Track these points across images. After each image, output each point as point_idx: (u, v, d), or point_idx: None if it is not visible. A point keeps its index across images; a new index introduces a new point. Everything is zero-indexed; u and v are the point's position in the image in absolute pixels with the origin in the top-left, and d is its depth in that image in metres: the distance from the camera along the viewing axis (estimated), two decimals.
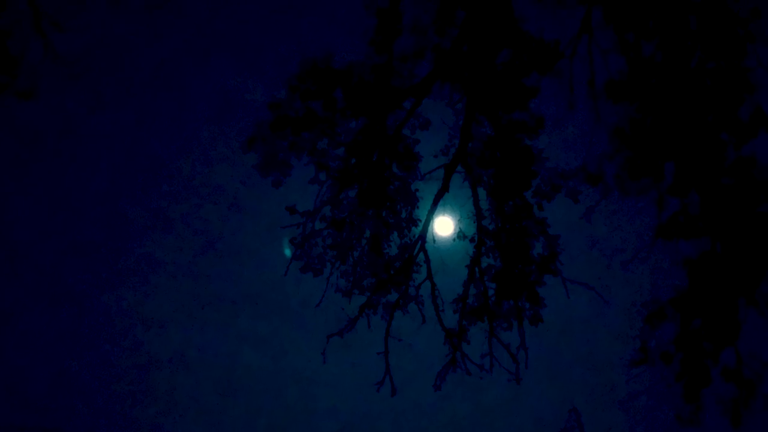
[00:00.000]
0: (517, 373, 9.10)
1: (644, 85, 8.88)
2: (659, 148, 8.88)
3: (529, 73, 8.98)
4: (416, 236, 9.24)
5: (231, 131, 9.13)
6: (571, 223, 9.09)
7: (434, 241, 9.25)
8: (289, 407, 9.09)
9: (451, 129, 9.22)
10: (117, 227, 9.10)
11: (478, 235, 9.21)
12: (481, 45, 8.99)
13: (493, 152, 9.09)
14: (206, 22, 9.19)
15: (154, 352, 9.11)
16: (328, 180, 9.11)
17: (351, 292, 9.19)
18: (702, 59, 8.82)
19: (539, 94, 9.01)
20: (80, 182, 9.14)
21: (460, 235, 9.27)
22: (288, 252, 9.11)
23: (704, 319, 8.86)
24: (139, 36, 9.14)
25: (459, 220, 9.28)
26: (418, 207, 9.28)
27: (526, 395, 9.05)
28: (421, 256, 9.24)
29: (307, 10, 9.17)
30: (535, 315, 9.14)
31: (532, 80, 9.00)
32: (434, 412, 9.05)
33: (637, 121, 8.91)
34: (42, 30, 8.99)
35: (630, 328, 9.04)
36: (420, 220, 9.26)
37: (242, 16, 9.22)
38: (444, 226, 9.32)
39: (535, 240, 9.17)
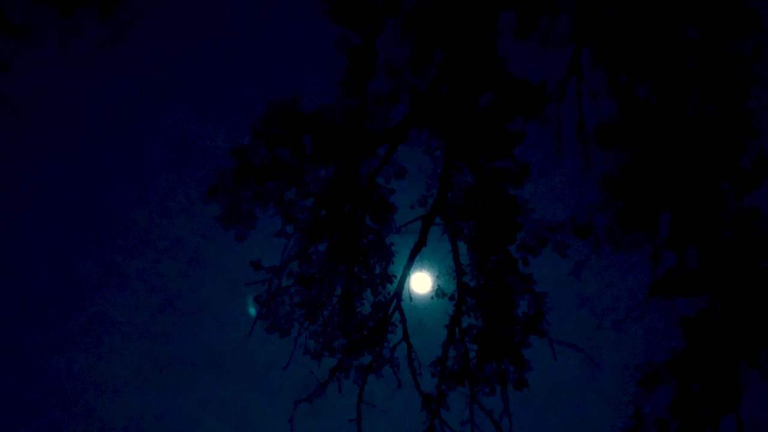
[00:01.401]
0: None
1: (638, 131, 8.61)
2: (654, 198, 8.63)
3: (514, 118, 8.75)
4: (391, 294, 9.10)
5: (191, 180, 9.04)
6: (558, 280, 8.96)
7: (411, 299, 9.09)
8: None
9: (428, 178, 9.06)
10: (67, 284, 9.04)
11: (458, 293, 9.05)
12: (462, 87, 8.76)
13: (475, 203, 8.91)
14: (163, 63, 9.00)
15: (108, 419, 9.03)
16: (295, 233, 8.94)
17: (321, 354, 9.06)
18: (700, 102, 8.52)
19: (524, 140, 8.81)
20: (27, 235, 8.98)
21: (438, 292, 9.12)
22: (252, 311, 9.00)
23: (703, 384, 8.60)
24: (90, 77, 8.96)
25: (437, 277, 9.13)
26: (393, 262, 9.15)
27: None
28: (397, 315, 9.09)
29: (272, 49, 9.01)
30: (519, 379, 8.96)
31: (516, 125, 8.79)
32: None
33: (630, 169, 8.65)
34: None
35: (623, 392, 8.87)
36: (395, 277, 9.12)
37: (202, 55, 9.04)
38: (421, 282, 9.17)
39: (520, 298, 9.01)
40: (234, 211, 8.81)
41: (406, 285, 9.04)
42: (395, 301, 9.04)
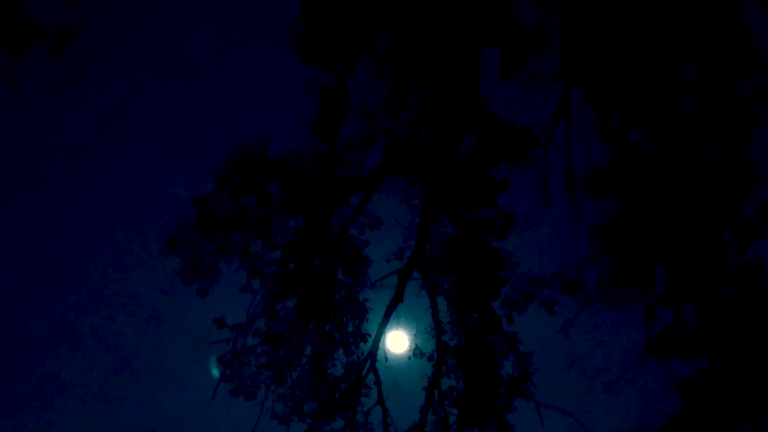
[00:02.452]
0: None
1: (631, 178, 8.56)
2: (649, 250, 8.55)
3: (498, 164, 8.77)
4: (365, 353, 9.00)
5: (149, 231, 9.10)
6: (546, 339, 9.02)
7: (386, 359, 8.99)
8: None
9: (405, 229, 9.03)
10: (16, 343, 8.93)
11: (438, 353, 8.96)
12: (441, 130, 8.75)
13: (455, 256, 8.88)
14: (120, 104, 8.90)
15: None
16: (262, 288, 8.90)
17: (289, 419, 8.98)
18: (698, 147, 8.46)
19: (509, 188, 8.87)
20: None
21: (416, 352, 9.02)
22: (216, 372, 9.06)
23: None
24: (41, 119, 8.82)
25: (415, 335, 9.08)
26: (367, 320, 9.05)
27: None
28: (371, 376, 9.00)
29: (236, 89, 8.99)
30: None
31: (500, 172, 8.86)
32: None
33: (622, 220, 8.63)
34: None
35: None
36: (370, 335, 9.03)
37: (161, 96, 8.94)
38: (398, 341, 9.11)
39: (504, 358, 8.92)
40: (196, 264, 8.71)
41: (381, 344, 8.99)
42: (369, 361, 8.94)
